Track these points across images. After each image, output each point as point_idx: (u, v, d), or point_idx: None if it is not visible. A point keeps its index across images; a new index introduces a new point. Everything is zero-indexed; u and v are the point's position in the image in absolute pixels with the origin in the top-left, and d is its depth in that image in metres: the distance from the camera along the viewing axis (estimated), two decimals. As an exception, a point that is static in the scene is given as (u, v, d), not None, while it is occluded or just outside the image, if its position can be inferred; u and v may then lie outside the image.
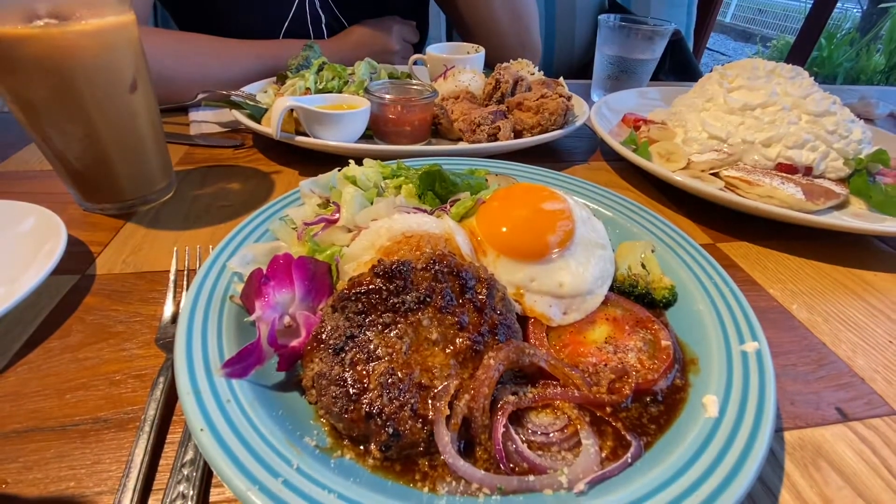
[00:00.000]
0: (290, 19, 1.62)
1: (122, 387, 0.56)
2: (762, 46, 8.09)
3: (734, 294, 0.61)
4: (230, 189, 0.99)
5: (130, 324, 0.64)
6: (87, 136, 0.78)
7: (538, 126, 1.15)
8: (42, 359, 0.59)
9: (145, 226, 0.85)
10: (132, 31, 0.79)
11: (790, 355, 0.65)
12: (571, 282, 0.60)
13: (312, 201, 0.74)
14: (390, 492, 0.41)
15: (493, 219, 0.66)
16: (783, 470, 0.50)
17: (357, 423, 0.44)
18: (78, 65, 0.72)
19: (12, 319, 0.63)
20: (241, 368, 0.48)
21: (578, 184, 0.87)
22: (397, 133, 1.10)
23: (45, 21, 0.68)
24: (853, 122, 1.03)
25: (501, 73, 1.25)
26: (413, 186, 0.75)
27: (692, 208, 0.99)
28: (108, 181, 0.84)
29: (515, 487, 0.42)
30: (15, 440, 0.49)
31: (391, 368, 0.46)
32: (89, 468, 0.47)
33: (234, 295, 0.57)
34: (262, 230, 0.69)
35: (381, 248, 0.61)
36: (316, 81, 1.20)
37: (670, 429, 0.48)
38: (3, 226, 0.72)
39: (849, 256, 0.87)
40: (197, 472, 0.45)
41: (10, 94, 0.73)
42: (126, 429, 0.51)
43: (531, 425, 0.48)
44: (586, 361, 0.55)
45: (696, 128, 1.08)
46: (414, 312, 0.50)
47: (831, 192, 0.92)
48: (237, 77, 1.33)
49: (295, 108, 1.01)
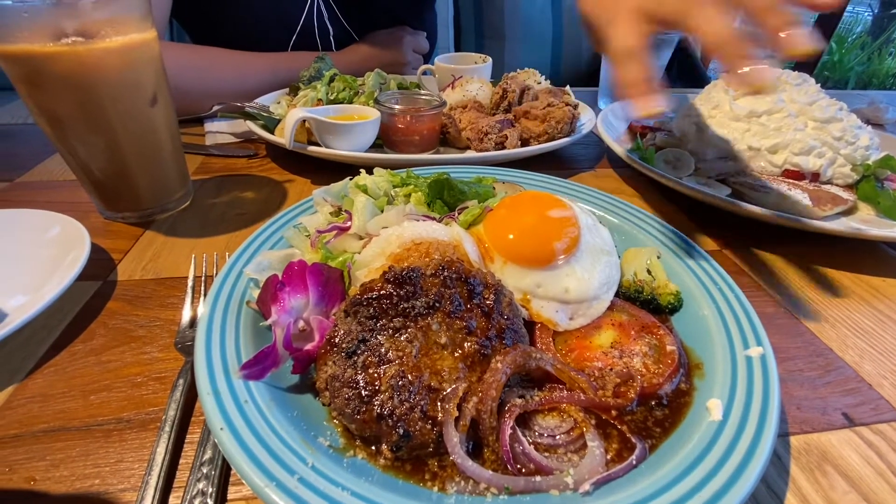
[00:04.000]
0: (297, 32, 1.66)
1: (144, 388, 0.58)
2: (772, 51, 8.05)
3: (739, 299, 0.62)
4: (245, 197, 1.02)
5: (151, 328, 0.67)
6: (109, 147, 0.81)
7: (545, 134, 1.16)
8: (67, 361, 0.62)
9: (164, 233, 0.88)
10: (153, 48, 0.82)
11: (797, 360, 0.66)
12: (577, 287, 0.62)
13: (325, 210, 0.76)
14: (401, 490, 0.42)
15: (501, 226, 0.68)
16: (789, 474, 0.51)
17: (369, 424, 0.45)
18: (102, 80, 0.75)
19: (39, 324, 0.66)
20: (257, 371, 0.50)
21: (585, 191, 0.88)
22: (406, 142, 1.13)
23: (72, 39, 0.72)
24: (860, 128, 1.03)
25: (508, 83, 1.27)
26: (422, 195, 0.77)
27: (699, 215, 1.00)
28: (129, 191, 0.87)
29: (522, 488, 0.43)
30: (43, 439, 0.52)
31: (402, 371, 0.48)
32: (113, 466, 0.49)
33: (250, 300, 0.60)
34: (277, 237, 0.72)
35: (392, 254, 0.63)
36: (327, 92, 1.23)
37: (675, 432, 0.48)
38: (32, 234, 0.75)
39: (857, 262, 0.87)
40: (215, 470, 0.47)
41: (37, 107, 0.77)
42: (147, 429, 0.53)
43: (538, 427, 0.49)
44: (592, 366, 0.56)
45: (702, 135, 1.09)
46: (423, 317, 0.52)
47: (838, 198, 0.93)
48: (251, 89, 1.37)
49: (307, 119, 1.04)
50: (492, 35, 2.57)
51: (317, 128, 1.06)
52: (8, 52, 0.70)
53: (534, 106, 1.20)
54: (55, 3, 0.74)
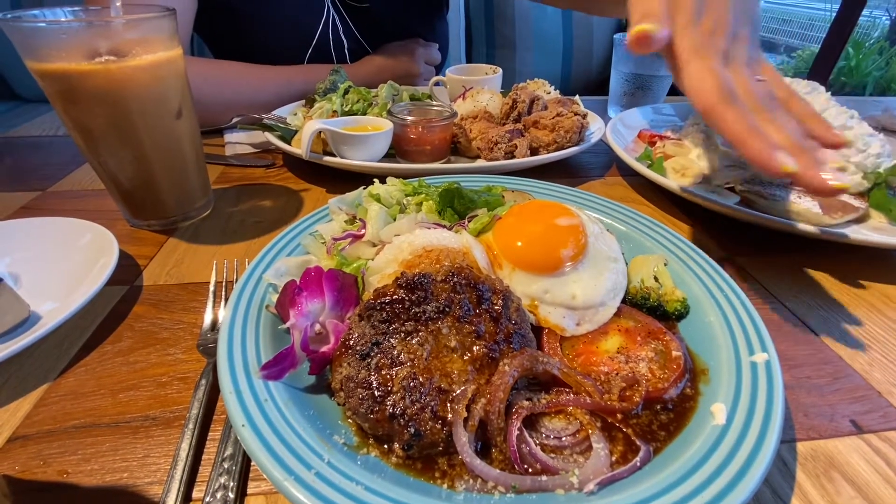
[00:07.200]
0: (313, 46, 1.71)
1: (168, 388, 0.61)
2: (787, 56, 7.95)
3: (744, 306, 0.62)
4: (263, 206, 1.06)
5: (174, 331, 0.70)
6: (137, 159, 0.85)
7: (554, 143, 1.18)
8: (97, 362, 0.65)
9: (186, 240, 0.92)
10: (179, 64, 0.86)
11: (805, 368, 0.66)
12: (584, 294, 0.63)
13: (340, 218, 0.79)
14: (413, 487, 0.44)
15: (509, 234, 0.70)
16: (795, 480, 0.51)
17: (381, 423, 0.47)
18: (132, 96, 0.80)
19: (71, 326, 0.70)
20: (276, 371, 0.52)
21: (593, 199, 0.90)
22: (418, 152, 1.16)
23: (105, 58, 0.76)
24: (872, 136, 1.03)
25: (518, 94, 1.30)
26: (433, 203, 0.80)
27: (708, 223, 1.00)
28: (155, 199, 0.91)
29: (529, 487, 0.44)
30: (74, 434, 0.55)
31: (413, 373, 0.50)
32: (140, 461, 0.52)
33: (269, 304, 0.62)
34: (295, 244, 0.75)
35: (404, 261, 0.65)
36: (342, 104, 1.27)
37: (679, 435, 0.49)
38: (65, 241, 0.80)
39: (868, 270, 0.86)
40: (236, 465, 0.49)
41: (71, 121, 0.82)
42: (172, 426, 0.56)
43: (544, 429, 0.50)
44: (598, 370, 0.57)
45: (711, 143, 1.10)
46: (434, 321, 0.54)
47: (849, 206, 0.92)
48: (269, 101, 1.42)
49: (323, 130, 1.08)
50: (503, 45, 2.61)
51: (332, 139, 1.10)
52: (46, 69, 0.75)
53: (543, 116, 1.22)
54: (90, 24, 0.79)
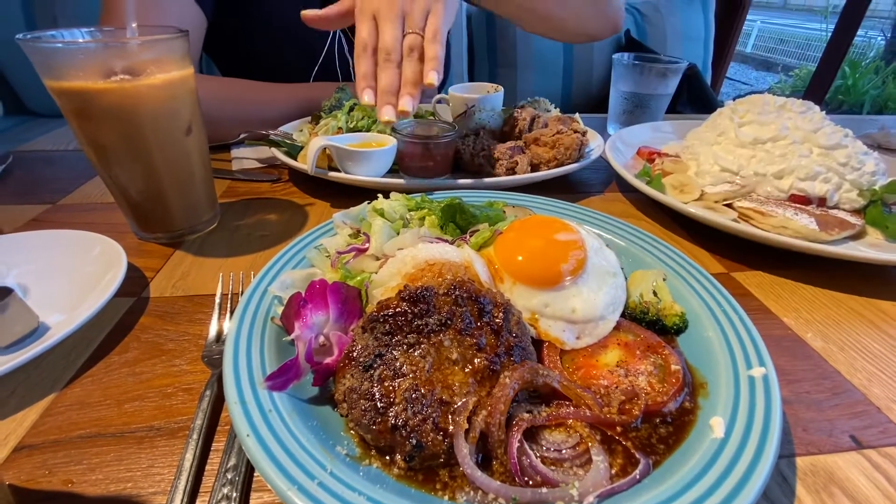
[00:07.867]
0: (319, 64, 1.75)
1: (173, 399, 0.62)
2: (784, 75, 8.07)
3: (743, 321, 0.63)
4: (268, 220, 1.08)
5: (180, 342, 0.71)
6: (147, 173, 0.88)
7: (554, 160, 1.20)
8: (103, 372, 0.66)
9: (193, 253, 0.94)
10: (190, 82, 0.89)
11: (804, 383, 0.66)
12: (584, 308, 0.64)
13: (344, 232, 0.81)
14: (414, 498, 0.45)
15: (510, 248, 0.71)
16: (795, 495, 0.52)
17: (384, 435, 0.48)
18: (145, 113, 0.82)
19: (79, 336, 0.71)
20: (281, 382, 0.53)
21: (593, 215, 0.91)
22: (421, 168, 1.18)
23: (120, 77, 0.79)
24: (866, 154, 1.05)
25: (519, 111, 1.33)
26: (436, 218, 0.81)
27: (706, 239, 1.02)
28: (163, 213, 0.93)
29: (529, 499, 0.45)
30: (80, 444, 0.55)
31: (415, 385, 0.50)
32: (144, 471, 0.52)
33: (274, 316, 0.63)
34: (300, 258, 0.76)
35: (407, 274, 0.66)
36: (347, 121, 1.30)
37: (678, 449, 0.50)
38: (74, 253, 0.81)
39: (865, 286, 0.87)
40: (239, 476, 0.50)
41: (85, 137, 0.84)
42: (176, 436, 0.56)
43: (545, 442, 0.51)
44: (598, 383, 0.58)
45: (708, 161, 1.12)
46: (436, 334, 0.55)
47: (846, 223, 0.94)
48: (275, 117, 1.45)
49: (328, 146, 1.10)
50: (504, 64, 2.67)
51: (337, 155, 1.12)
52: (63, 87, 0.78)
53: (543, 133, 1.25)
54: (107, 45, 0.82)
